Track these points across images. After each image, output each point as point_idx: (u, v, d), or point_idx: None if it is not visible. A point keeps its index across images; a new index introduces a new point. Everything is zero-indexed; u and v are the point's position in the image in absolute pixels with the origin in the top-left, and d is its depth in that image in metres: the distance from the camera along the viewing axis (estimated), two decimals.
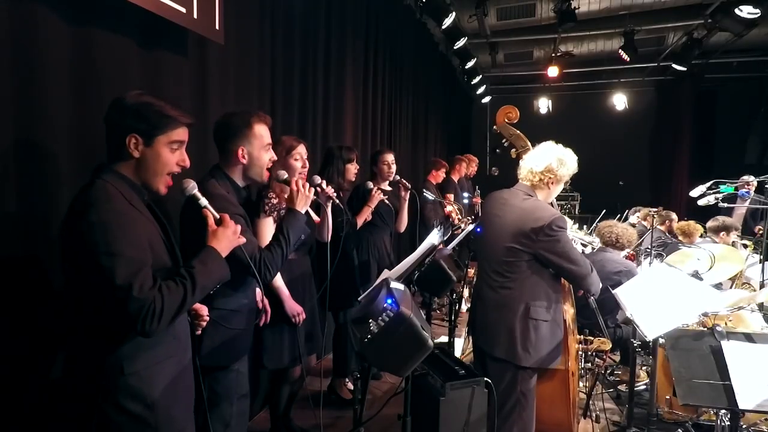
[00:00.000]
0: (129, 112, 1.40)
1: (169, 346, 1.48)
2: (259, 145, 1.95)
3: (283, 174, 2.04)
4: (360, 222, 3.20)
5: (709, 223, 4.78)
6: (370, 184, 3.33)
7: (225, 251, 1.52)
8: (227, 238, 1.53)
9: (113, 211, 1.33)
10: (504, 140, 2.99)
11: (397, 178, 3.54)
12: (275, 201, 2.35)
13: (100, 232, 1.29)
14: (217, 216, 1.56)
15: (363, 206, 3.26)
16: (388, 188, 3.61)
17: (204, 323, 1.72)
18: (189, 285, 1.38)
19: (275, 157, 2.04)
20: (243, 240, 1.60)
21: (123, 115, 1.40)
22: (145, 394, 1.40)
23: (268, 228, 2.27)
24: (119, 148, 1.42)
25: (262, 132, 1.96)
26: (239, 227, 1.59)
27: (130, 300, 1.27)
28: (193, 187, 1.58)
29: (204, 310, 1.73)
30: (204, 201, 1.57)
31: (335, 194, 2.50)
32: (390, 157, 3.57)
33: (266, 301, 2.33)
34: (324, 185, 2.49)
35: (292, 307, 2.41)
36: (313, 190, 1.96)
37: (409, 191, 3.50)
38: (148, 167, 1.44)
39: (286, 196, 1.99)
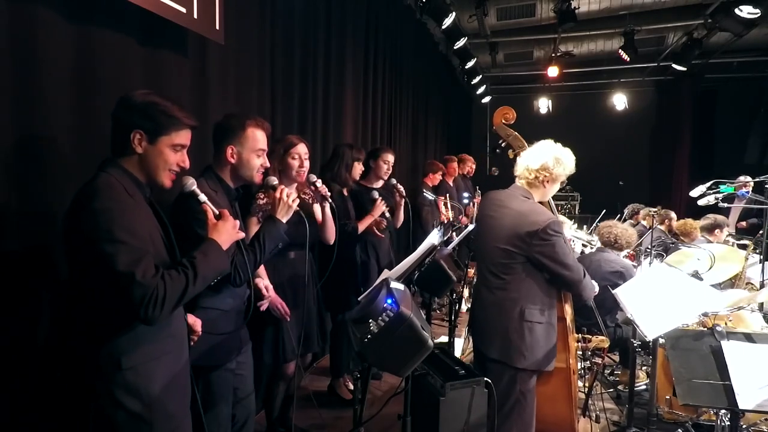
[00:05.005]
0: (136, 110, 1.44)
1: (166, 343, 1.50)
2: (249, 148, 1.95)
3: (273, 180, 2.04)
4: (362, 228, 3.18)
5: (701, 222, 4.77)
6: (376, 194, 3.32)
7: (225, 244, 1.55)
8: (227, 232, 1.57)
9: (116, 200, 1.37)
10: (501, 141, 2.98)
11: (393, 182, 3.53)
12: (262, 202, 2.37)
13: (102, 219, 1.32)
14: (216, 211, 1.60)
15: (364, 213, 3.27)
16: (378, 186, 3.64)
17: (196, 337, 1.76)
18: (191, 274, 1.40)
19: (267, 164, 2.03)
20: (242, 234, 1.64)
21: (130, 112, 1.45)
22: (142, 390, 1.42)
23: (252, 228, 2.29)
24: (123, 143, 1.46)
25: (255, 135, 1.96)
26: (238, 222, 1.62)
27: (134, 285, 1.29)
28: (192, 183, 1.64)
29: (198, 324, 1.77)
30: (203, 197, 1.62)
31: (329, 194, 2.51)
32: (390, 157, 3.57)
33: (270, 288, 2.33)
34: (319, 184, 2.50)
35: (274, 299, 2.38)
36: (297, 201, 1.94)
37: (403, 198, 3.48)
38: (150, 164, 1.48)
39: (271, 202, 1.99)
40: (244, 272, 1.81)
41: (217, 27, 2.48)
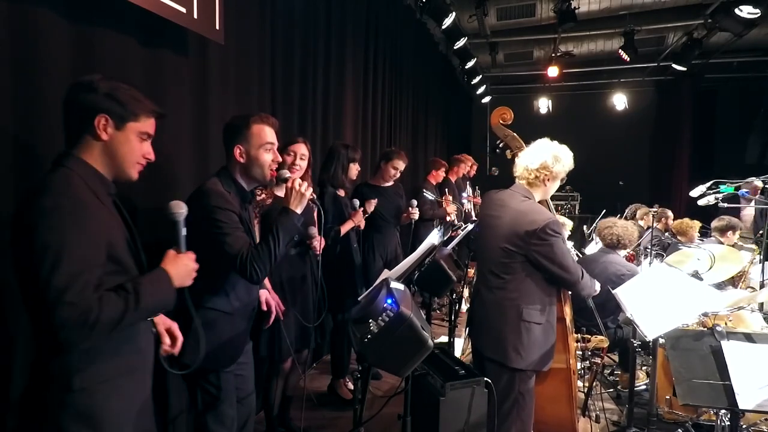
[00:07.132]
0: (101, 93, 1.31)
1: (130, 359, 1.35)
2: (256, 144, 1.93)
3: (286, 173, 2.03)
4: (343, 231, 3.12)
5: (715, 223, 4.75)
6: (357, 202, 3.25)
7: (176, 279, 1.37)
8: (185, 267, 1.41)
9: (71, 198, 1.21)
10: (499, 141, 2.98)
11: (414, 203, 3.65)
12: (259, 198, 2.38)
13: (50, 218, 1.16)
14: (183, 251, 1.44)
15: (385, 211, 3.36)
16: (386, 186, 3.66)
17: (166, 346, 1.57)
18: (132, 300, 1.22)
19: (279, 158, 2.02)
20: (189, 283, 1.45)
21: (94, 95, 1.30)
22: (95, 417, 1.24)
23: (258, 227, 2.29)
24: (83, 131, 1.32)
25: (260, 131, 1.94)
26: (197, 267, 1.47)
27: (62, 302, 1.12)
28: (180, 214, 1.47)
29: (166, 338, 1.58)
30: (183, 232, 1.47)
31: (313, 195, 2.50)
32: (401, 164, 3.63)
33: (272, 302, 2.33)
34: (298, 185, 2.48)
35: (267, 299, 2.36)
36: (310, 189, 1.92)
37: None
38: (116, 152, 1.34)
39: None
40: (260, 267, 1.77)
41: (217, 27, 2.48)
